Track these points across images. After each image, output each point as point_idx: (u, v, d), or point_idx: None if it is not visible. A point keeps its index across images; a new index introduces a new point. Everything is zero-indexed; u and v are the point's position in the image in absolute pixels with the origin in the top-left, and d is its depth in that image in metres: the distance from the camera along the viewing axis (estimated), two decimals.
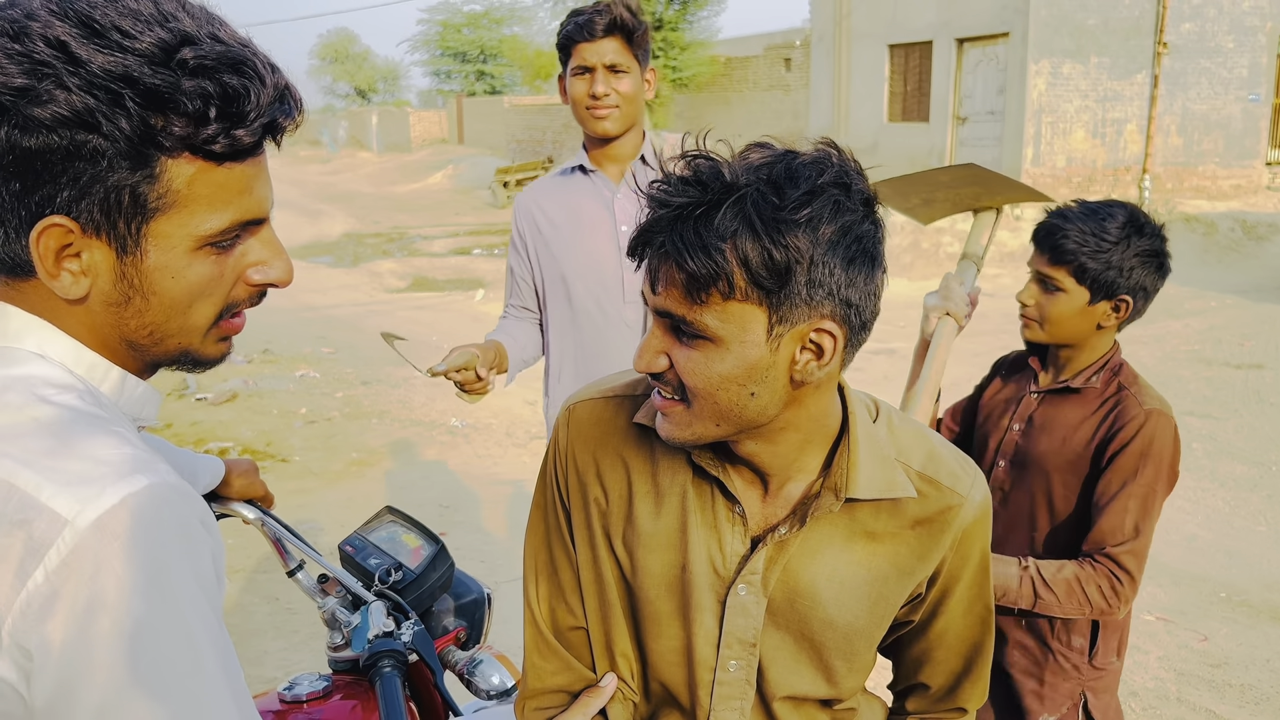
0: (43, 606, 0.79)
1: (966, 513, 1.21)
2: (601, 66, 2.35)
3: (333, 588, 1.57)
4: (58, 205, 0.87)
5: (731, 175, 1.01)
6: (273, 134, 0.94)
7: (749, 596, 1.20)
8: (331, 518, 5.05)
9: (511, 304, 2.70)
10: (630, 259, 1.08)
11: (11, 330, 0.92)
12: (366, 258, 15.88)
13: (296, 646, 3.81)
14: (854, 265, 1.02)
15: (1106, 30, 15.13)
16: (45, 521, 0.79)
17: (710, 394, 1.06)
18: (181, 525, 0.85)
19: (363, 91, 51.75)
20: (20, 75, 0.83)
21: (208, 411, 6.84)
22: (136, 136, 0.85)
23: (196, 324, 0.97)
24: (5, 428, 0.85)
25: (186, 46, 0.86)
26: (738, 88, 22.97)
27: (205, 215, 0.91)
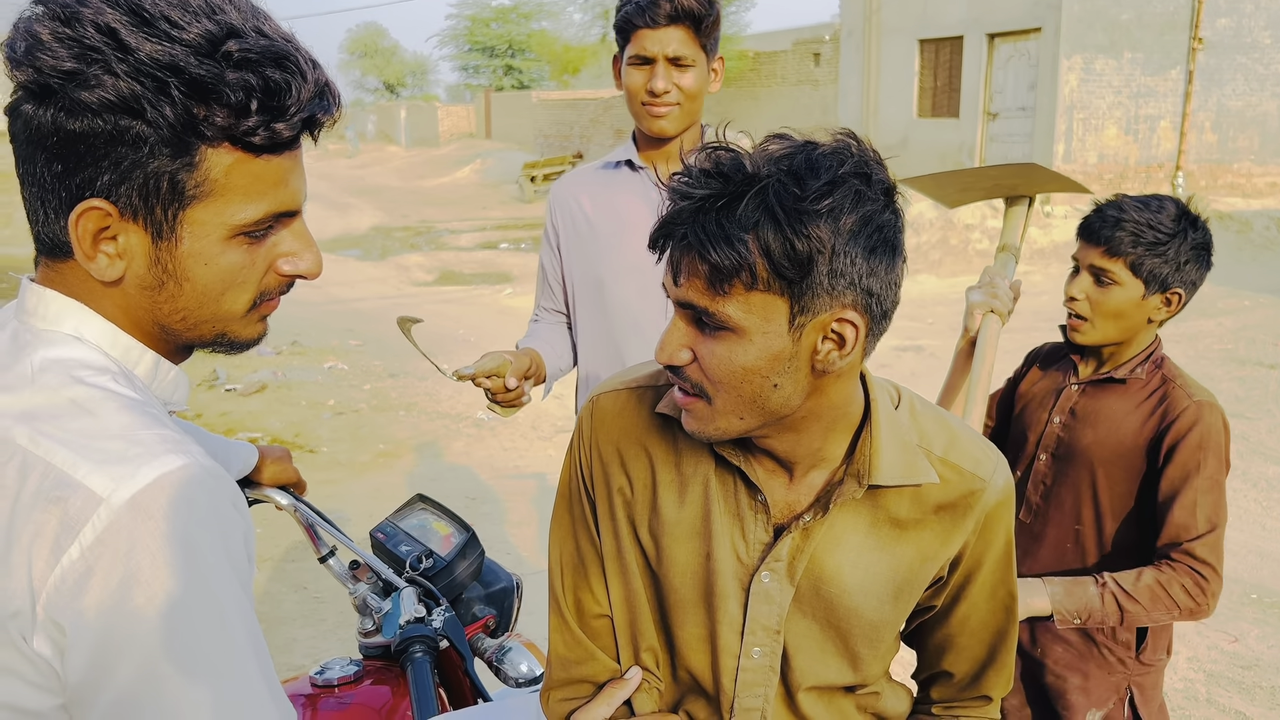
0: (77, 582, 0.80)
1: (989, 497, 1.22)
2: (663, 58, 2.07)
3: (364, 574, 1.58)
4: (98, 188, 0.89)
5: (753, 166, 1.01)
6: (311, 129, 0.96)
7: (773, 583, 1.20)
8: (358, 508, 5.08)
9: (543, 306, 2.47)
10: (651, 251, 1.08)
11: (50, 314, 0.94)
12: (394, 251, 15.96)
13: (324, 635, 3.84)
14: (875, 254, 1.03)
15: (1140, 25, 14.97)
16: (80, 499, 0.81)
17: (734, 386, 1.07)
18: (213, 505, 0.86)
19: (391, 86, 51.99)
20: (70, 59, 0.84)
21: (237, 402, 6.90)
22: (179, 124, 0.87)
23: (230, 310, 0.99)
24: (42, 408, 0.87)
25: (232, 39, 0.88)
26: (766, 83, 22.89)
27: (240, 205, 0.93)
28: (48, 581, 0.81)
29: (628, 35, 2.11)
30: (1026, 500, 2.10)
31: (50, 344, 0.92)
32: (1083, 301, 1.97)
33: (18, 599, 0.81)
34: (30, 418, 0.86)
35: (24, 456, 0.84)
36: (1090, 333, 1.98)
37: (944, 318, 9.74)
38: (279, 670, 0.92)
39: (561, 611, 1.33)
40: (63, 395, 0.88)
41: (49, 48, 0.85)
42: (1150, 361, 2.00)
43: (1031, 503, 2.09)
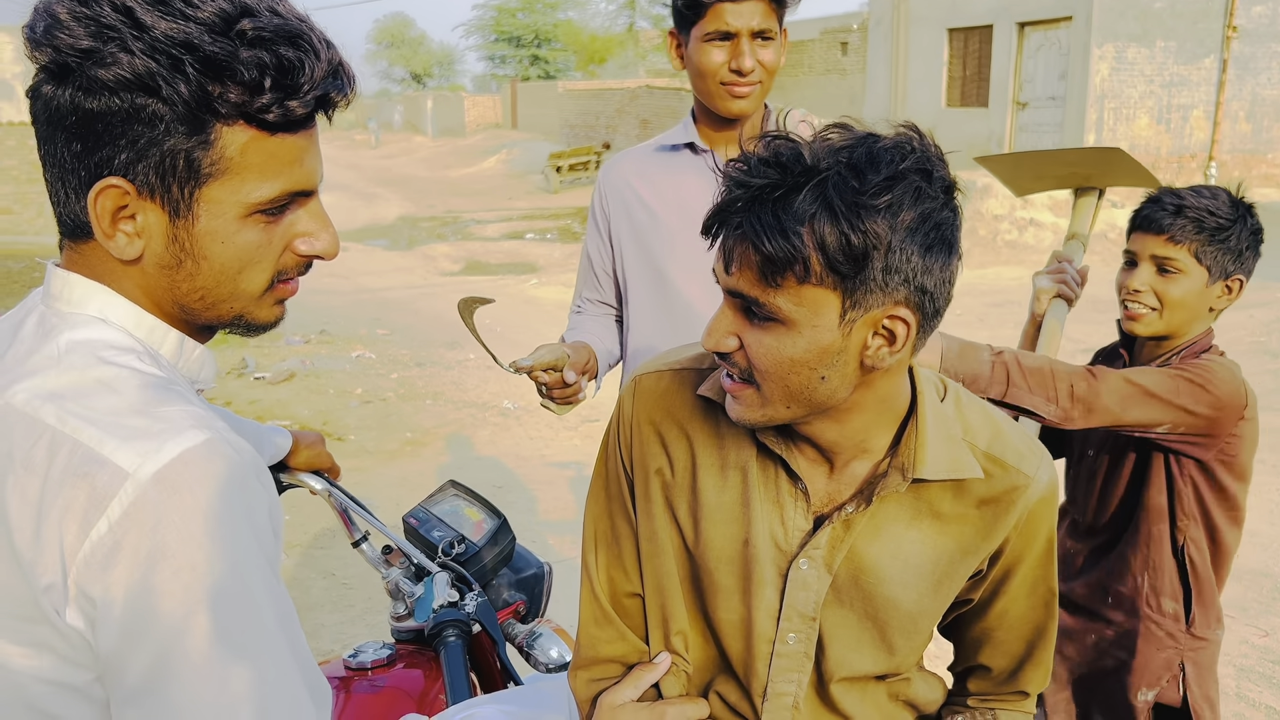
0: (106, 556, 0.82)
1: (1032, 493, 1.21)
2: (747, 33, 1.89)
3: (397, 559, 1.59)
4: (115, 167, 0.90)
5: (812, 158, 1.00)
6: (325, 108, 0.96)
7: (810, 571, 1.20)
8: (386, 496, 5.12)
9: (586, 297, 2.29)
10: (704, 237, 1.07)
11: (75, 297, 0.96)
12: (421, 241, 16.03)
13: (353, 620, 3.87)
14: (931, 252, 1.01)
15: (1173, 13, 14.78)
16: (107, 474, 0.83)
17: (781, 376, 1.06)
18: (237, 479, 0.87)
19: (418, 76, 52.15)
20: (86, 37, 0.86)
21: (266, 390, 6.96)
22: (194, 101, 0.88)
23: (247, 290, 0.99)
24: (69, 387, 0.88)
25: (246, 18, 0.89)
26: (793, 72, 22.78)
27: (256, 183, 0.94)
28: (77, 555, 0.83)
29: (700, 9, 1.92)
30: (1079, 500, 2.12)
31: (76, 326, 0.94)
32: (1147, 293, 1.92)
33: (50, 573, 0.83)
34: (57, 397, 0.87)
35: (52, 434, 0.85)
36: (1154, 323, 1.93)
37: (972, 309, 9.68)
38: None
39: (594, 589, 1.34)
40: (89, 375, 0.89)
41: (67, 26, 0.86)
42: (1189, 351, 1.95)
43: (1085, 503, 2.10)
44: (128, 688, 0.85)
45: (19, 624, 0.86)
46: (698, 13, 1.94)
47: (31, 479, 0.85)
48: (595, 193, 2.19)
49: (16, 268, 12.25)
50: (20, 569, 0.85)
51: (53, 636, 0.86)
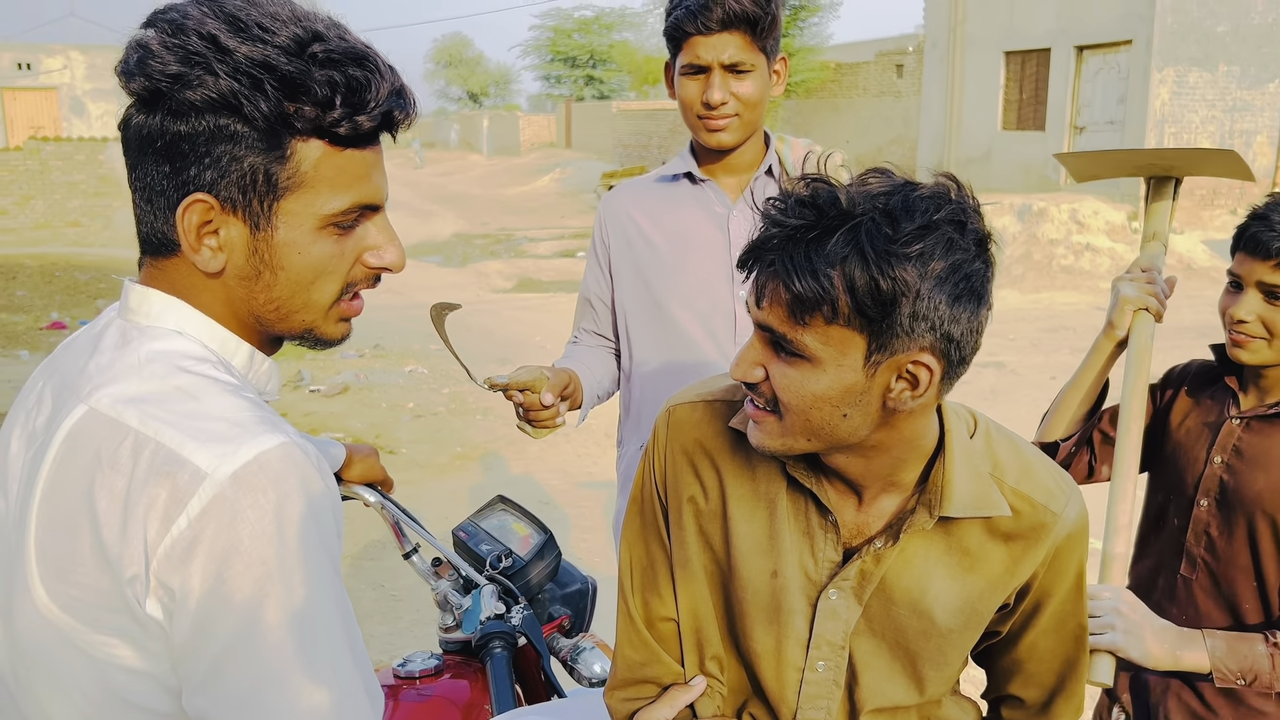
0: (185, 550, 0.88)
1: (1060, 529, 1.21)
2: (718, 66, 1.90)
3: (446, 571, 1.63)
4: (201, 184, 0.97)
5: (848, 202, 1.02)
6: (389, 126, 1.03)
7: (840, 601, 1.22)
8: (436, 509, 5.18)
9: (583, 328, 2.27)
10: (739, 270, 1.10)
11: (154, 311, 1.02)
12: (474, 258, 16.20)
13: (401, 632, 3.93)
14: (959, 302, 1.03)
15: (1237, 37, 14.55)
16: (188, 474, 0.88)
17: (803, 411, 1.09)
18: (306, 481, 0.93)
19: (475, 95, 52.74)
20: (175, 63, 0.93)
21: (321, 403, 7.08)
22: (273, 118, 0.95)
23: (319, 301, 1.05)
24: (150, 393, 0.94)
25: (317, 42, 0.96)
26: (847, 94, 22.74)
27: (329, 195, 1.00)
28: (159, 549, 0.88)
29: (679, 42, 1.94)
30: (1186, 552, 1.81)
31: (155, 338, 1.00)
32: (1254, 323, 1.71)
33: (135, 565, 0.89)
34: (140, 402, 0.93)
35: (135, 437, 0.91)
36: (1263, 352, 1.73)
37: (1025, 334, 9.57)
38: None
39: (630, 613, 1.36)
40: (169, 383, 0.95)
41: (158, 55, 0.94)
42: None
43: (1193, 555, 1.80)
44: (199, 676, 0.91)
45: (104, 614, 0.92)
46: (676, 45, 1.96)
47: (118, 478, 0.90)
48: (596, 224, 2.20)
49: (83, 278, 12.58)
50: (107, 562, 0.90)
51: (133, 627, 0.91)
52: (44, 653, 0.95)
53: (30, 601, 0.94)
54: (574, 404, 2.00)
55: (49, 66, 26.77)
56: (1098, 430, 1.91)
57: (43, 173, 16.80)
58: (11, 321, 10.04)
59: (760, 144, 2.08)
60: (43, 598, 0.93)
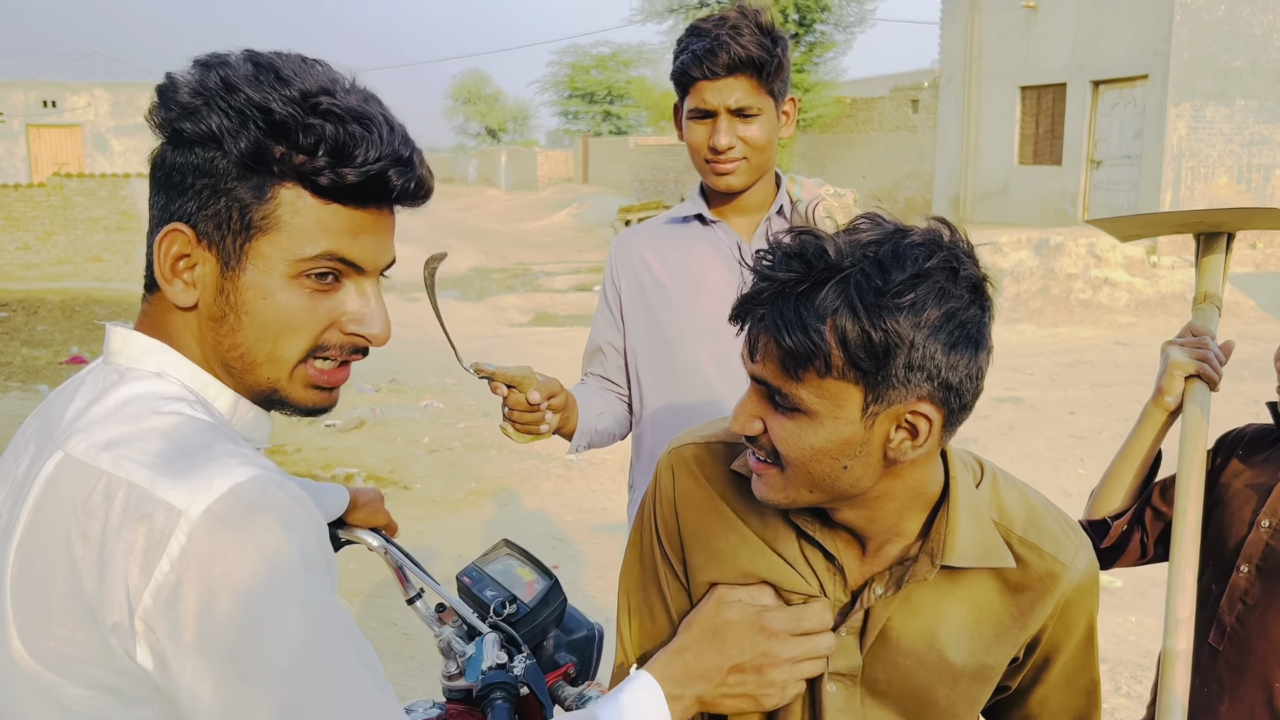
0: (170, 594, 0.85)
1: (1068, 581, 1.18)
2: (725, 111, 1.91)
3: (450, 617, 1.60)
4: (183, 216, 0.98)
5: (836, 254, 1.01)
6: (384, 189, 1.00)
7: (849, 639, 1.19)
8: (449, 545, 5.16)
9: (591, 373, 2.24)
10: (732, 324, 1.08)
11: (135, 353, 1.01)
12: (491, 292, 16.27)
13: (412, 673, 3.89)
14: (956, 350, 1.01)
15: (1254, 72, 14.54)
16: (163, 514, 0.86)
17: (803, 464, 1.07)
18: (284, 510, 0.90)
19: (493, 131, 53.21)
20: (188, 95, 0.96)
21: (336, 437, 7.08)
22: (251, 155, 0.95)
23: (283, 356, 1.02)
24: (125, 436, 0.93)
25: (325, 96, 0.96)
26: (863, 129, 22.82)
27: (301, 243, 0.98)
28: (143, 596, 0.86)
29: (686, 87, 1.95)
30: (1218, 619, 1.68)
31: (134, 380, 0.99)
32: None
33: (117, 613, 0.87)
34: (113, 445, 0.92)
35: (108, 480, 0.90)
36: None
37: (1044, 369, 9.51)
38: None
39: (627, 660, 1.33)
40: (144, 424, 0.94)
41: (179, 88, 0.96)
42: None
43: (1225, 624, 1.67)
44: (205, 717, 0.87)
45: (82, 667, 0.89)
46: (683, 89, 1.97)
47: (92, 523, 0.88)
48: (606, 268, 2.19)
49: (104, 313, 12.70)
50: (88, 612, 0.88)
51: (115, 679, 0.89)
52: (21, 708, 0.93)
53: (7, 655, 0.92)
54: (566, 426, 1.96)
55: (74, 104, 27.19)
56: (1149, 507, 1.78)
57: (65, 208, 17.01)
58: (32, 356, 10.13)
59: (771, 184, 2.08)
60: (19, 651, 0.91)
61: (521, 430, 1.83)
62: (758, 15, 1.93)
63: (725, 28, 1.89)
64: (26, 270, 16.46)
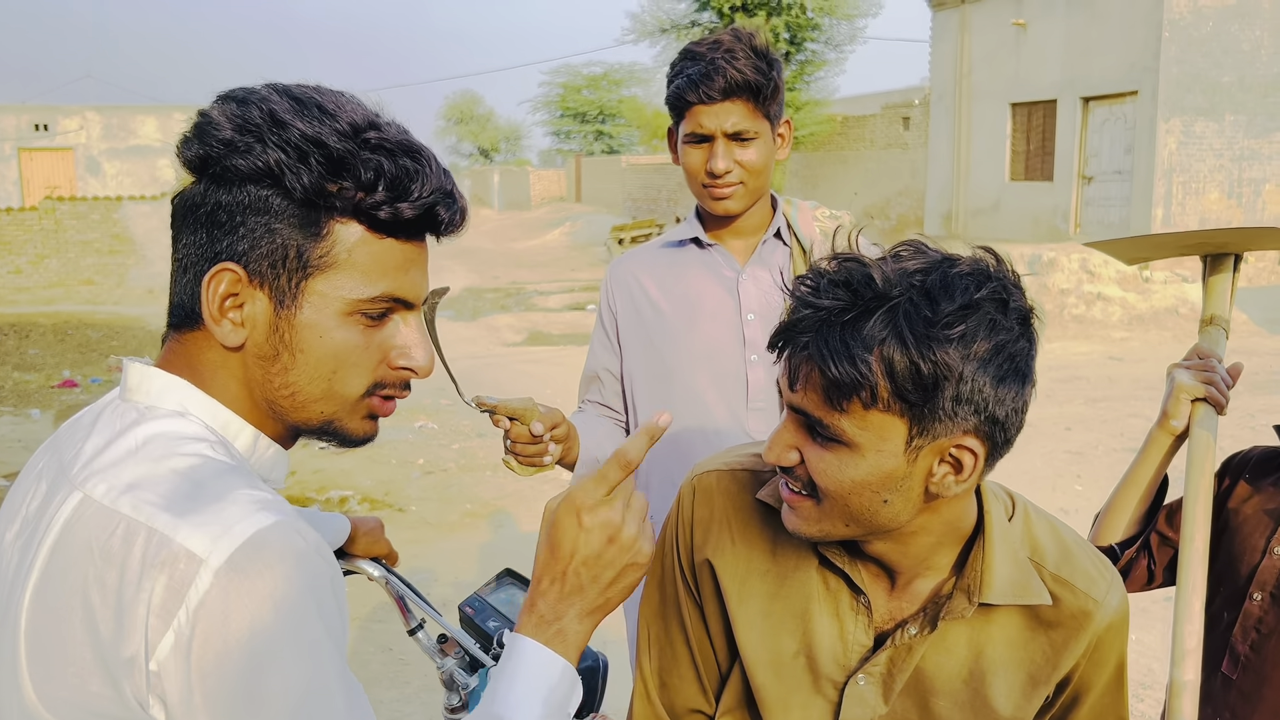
0: (187, 644, 0.83)
1: (1101, 618, 1.16)
2: (722, 136, 1.89)
3: (452, 648, 1.58)
4: (233, 255, 0.96)
5: (884, 282, 0.97)
6: (433, 223, 1.01)
7: (868, 688, 1.16)
8: (446, 568, 5.12)
9: (587, 399, 2.21)
10: (769, 352, 1.05)
11: (154, 390, 0.99)
12: (485, 312, 16.26)
13: (409, 699, 3.85)
14: (1004, 383, 0.99)
15: (1242, 87, 14.64)
16: (183, 561, 0.84)
17: (842, 497, 1.04)
18: (302, 562, 0.89)
19: (486, 151, 53.35)
20: (231, 130, 0.94)
21: (329, 460, 7.04)
22: (313, 193, 0.94)
23: (340, 393, 1.01)
24: (145, 478, 0.90)
25: (373, 130, 0.96)
26: (854, 146, 22.91)
27: (360, 281, 0.98)
28: (160, 646, 0.84)
29: (681, 111, 1.94)
30: (1231, 648, 1.66)
31: (154, 419, 0.96)
32: None
33: (133, 661, 0.85)
34: (134, 487, 0.89)
35: (127, 524, 0.87)
36: None
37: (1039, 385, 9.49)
38: None
39: (647, 693, 1.31)
40: (164, 466, 0.91)
41: (217, 124, 0.94)
42: None
43: (1238, 653, 1.65)
44: None
45: (91, 716, 0.87)
46: (679, 114, 1.95)
47: (110, 569, 0.86)
48: (602, 293, 2.17)
49: (95, 336, 12.66)
50: (102, 662, 0.86)
51: None
52: None
53: (20, 703, 0.90)
54: (568, 457, 1.92)
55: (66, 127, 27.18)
56: (1156, 532, 1.75)
57: (58, 232, 16.99)
58: (24, 380, 10.08)
59: (767, 207, 2.06)
60: (31, 699, 0.89)
61: (525, 463, 1.80)
62: (752, 38, 1.92)
63: (720, 51, 1.88)
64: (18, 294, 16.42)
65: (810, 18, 23.06)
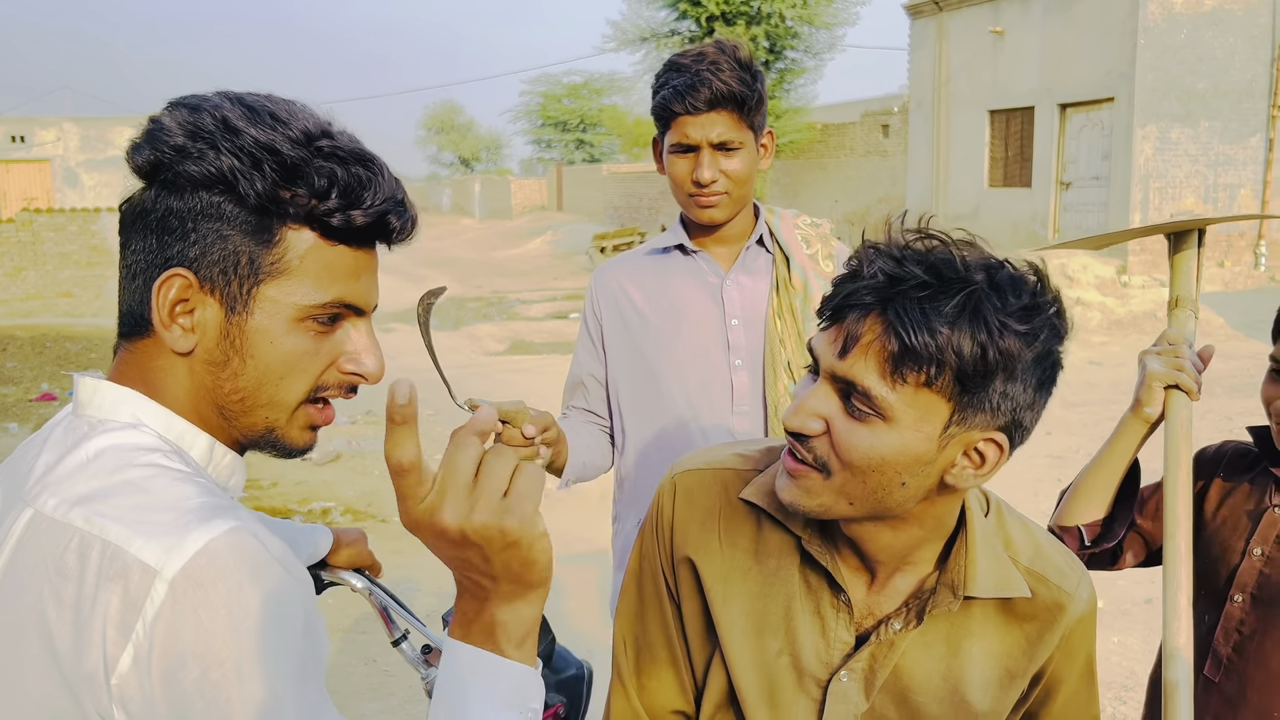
0: (145, 659, 0.83)
1: (1073, 611, 1.19)
2: (707, 146, 1.92)
3: (436, 659, 1.57)
4: (184, 260, 0.96)
5: (964, 267, 1.00)
6: (384, 231, 1.01)
7: (851, 684, 1.18)
8: (429, 578, 5.10)
9: (572, 405, 2.24)
10: (819, 318, 1.07)
11: (106, 403, 0.98)
12: (467, 321, 16.22)
13: (393, 710, 3.83)
14: (1042, 389, 1.03)
15: (1217, 94, 14.79)
16: (137, 573, 0.84)
17: (863, 472, 1.04)
18: (259, 569, 0.87)
19: (466, 160, 53.28)
20: (182, 136, 0.94)
21: (312, 471, 7.01)
22: (266, 199, 0.94)
23: (285, 399, 1.01)
24: (98, 490, 0.90)
25: (325, 138, 0.97)
26: (834, 154, 23.00)
27: (311, 288, 0.98)
28: (120, 661, 0.83)
29: (667, 122, 1.97)
30: (1213, 651, 1.65)
31: (106, 431, 0.95)
32: None
33: (93, 677, 0.84)
34: (86, 500, 0.89)
35: (81, 537, 0.86)
36: None
37: None
38: None
39: (626, 693, 1.31)
40: (117, 477, 0.91)
41: (168, 129, 0.94)
42: None
43: (1220, 655, 1.64)
44: None
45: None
46: (665, 124, 1.98)
47: (66, 584, 0.85)
48: (587, 299, 2.19)
49: (74, 349, 12.56)
50: (61, 677, 0.85)
51: None
52: None
53: None
54: (556, 461, 1.95)
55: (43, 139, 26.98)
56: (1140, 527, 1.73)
57: (35, 244, 16.86)
58: (1, 394, 9.99)
59: (750, 214, 2.10)
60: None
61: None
62: (736, 50, 1.95)
63: (705, 63, 1.91)
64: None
65: (789, 26, 23.14)
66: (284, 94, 1.02)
